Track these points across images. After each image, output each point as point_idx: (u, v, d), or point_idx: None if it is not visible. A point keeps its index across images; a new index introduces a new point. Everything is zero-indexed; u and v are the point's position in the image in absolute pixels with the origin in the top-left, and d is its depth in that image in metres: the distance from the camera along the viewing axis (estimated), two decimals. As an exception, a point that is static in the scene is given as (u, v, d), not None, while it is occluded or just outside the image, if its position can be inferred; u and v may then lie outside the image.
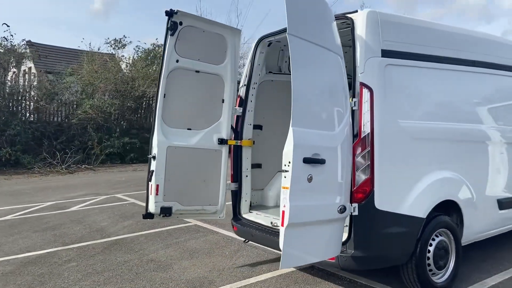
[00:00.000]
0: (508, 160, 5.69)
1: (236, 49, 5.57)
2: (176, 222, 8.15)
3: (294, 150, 3.51)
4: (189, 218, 5.87)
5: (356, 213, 4.16)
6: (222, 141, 5.60)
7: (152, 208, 5.23)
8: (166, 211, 5.30)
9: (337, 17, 4.55)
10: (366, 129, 4.18)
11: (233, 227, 5.74)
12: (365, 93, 4.22)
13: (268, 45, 5.76)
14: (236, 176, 5.73)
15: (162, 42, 5.51)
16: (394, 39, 4.53)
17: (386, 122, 4.29)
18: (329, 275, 5.35)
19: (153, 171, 5.20)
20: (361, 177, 4.18)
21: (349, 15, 4.52)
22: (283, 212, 3.56)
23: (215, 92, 5.61)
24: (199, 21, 5.26)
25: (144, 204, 5.56)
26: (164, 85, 5.18)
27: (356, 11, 4.52)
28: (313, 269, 5.55)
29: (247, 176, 5.79)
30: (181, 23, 5.07)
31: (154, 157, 5.20)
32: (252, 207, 5.85)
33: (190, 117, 5.49)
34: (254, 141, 5.79)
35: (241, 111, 5.71)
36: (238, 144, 5.67)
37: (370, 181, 4.15)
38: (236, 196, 5.73)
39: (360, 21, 4.40)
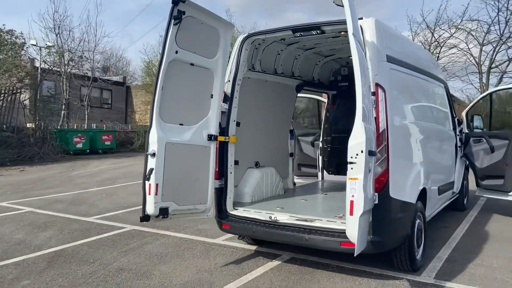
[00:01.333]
0: (443, 153, 6.86)
1: (227, 43, 5.49)
2: (108, 229, 7.52)
3: (366, 142, 3.75)
4: (181, 218, 5.51)
5: (376, 201, 4.57)
6: (211, 137, 5.45)
7: (151, 210, 4.83)
8: (163, 212, 4.95)
9: (343, 22, 4.93)
10: (382, 125, 4.63)
11: (221, 225, 5.60)
12: (380, 93, 4.67)
13: (252, 43, 5.82)
14: (222, 172, 5.63)
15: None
16: (393, 47, 5.13)
17: (394, 120, 4.83)
18: (318, 264, 5.65)
19: (152, 169, 4.80)
20: (378, 169, 4.61)
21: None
22: (352, 202, 3.75)
23: (205, 87, 5.44)
24: (200, 12, 5.05)
25: (40, 211, 5.02)
26: (163, 77, 4.84)
27: (361, 18, 4.96)
28: (297, 260, 5.78)
29: (231, 172, 5.73)
30: (184, 13, 4.82)
31: (153, 154, 4.81)
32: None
33: (182, 112, 5.22)
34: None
35: (227, 107, 5.64)
36: (227, 140, 5.59)
37: (386, 172, 4.62)
38: (221, 193, 5.62)
39: (368, 27, 4.84)
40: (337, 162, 8.65)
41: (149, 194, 4.82)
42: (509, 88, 8.92)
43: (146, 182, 4.83)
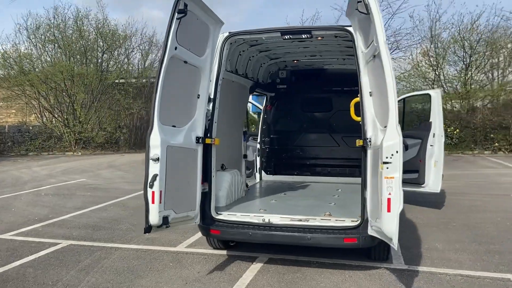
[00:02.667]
0: None
1: (215, 42, 5.29)
2: (39, 246, 6.62)
3: (400, 143, 4.01)
4: (175, 227, 5.02)
5: None
6: (198, 140, 5.19)
7: (154, 219, 4.42)
8: (165, 221, 4.57)
9: (339, 29, 5.19)
10: None
11: (208, 231, 5.35)
12: None
13: (233, 42, 5.70)
14: (206, 176, 5.39)
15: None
16: None
17: None
18: (299, 262, 5.77)
19: (156, 175, 4.40)
20: None
21: (347, 28, 5.23)
22: (389, 199, 3.99)
23: (193, 87, 5.17)
24: (198, 6, 4.76)
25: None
26: (164, 75, 4.48)
27: (350, 26, 5.27)
28: (277, 261, 5.84)
29: (213, 176, 5.53)
30: (187, 6, 4.53)
31: (157, 159, 4.40)
32: None
33: (175, 113, 4.88)
34: None
35: (211, 108, 5.44)
36: (212, 142, 5.38)
37: None
38: (205, 198, 5.39)
39: (355, 34, 5.17)
40: (275, 163, 8.89)
41: (153, 202, 4.40)
42: (419, 95, 10.24)
43: (149, 189, 4.40)
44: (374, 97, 4.73)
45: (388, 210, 4.00)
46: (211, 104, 5.43)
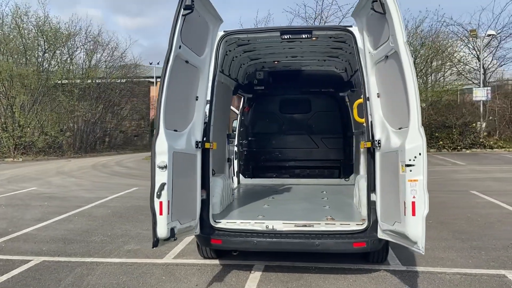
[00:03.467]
0: None
1: (213, 41, 5.01)
2: (9, 265, 6.03)
3: (423, 145, 3.94)
4: (180, 238, 4.63)
5: None
6: (198, 144, 4.89)
7: (163, 232, 4.08)
8: (172, 234, 4.23)
9: (341, 29, 5.11)
10: None
11: (208, 241, 5.04)
12: None
13: (228, 41, 5.45)
14: (204, 182, 5.09)
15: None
16: None
17: None
18: (298, 268, 5.60)
19: (164, 184, 4.06)
20: None
21: (350, 29, 5.15)
22: (413, 202, 3.91)
23: (192, 88, 4.86)
24: (201, 2, 4.46)
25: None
26: (169, 76, 4.16)
27: (351, 26, 5.20)
28: (275, 268, 5.65)
29: (211, 183, 5.24)
30: (193, 2, 4.23)
31: (165, 167, 4.06)
32: None
33: (176, 117, 4.55)
34: None
35: (207, 110, 5.15)
36: (211, 147, 5.09)
37: None
38: (204, 206, 5.08)
39: (359, 36, 5.10)
40: (254, 166, 8.68)
41: (161, 214, 4.06)
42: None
43: (156, 199, 4.05)
44: (382, 99, 4.67)
45: (413, 214, 3.92)
46: (207, 106, 5.14)
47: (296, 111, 8.66)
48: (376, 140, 4.68)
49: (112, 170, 18.61)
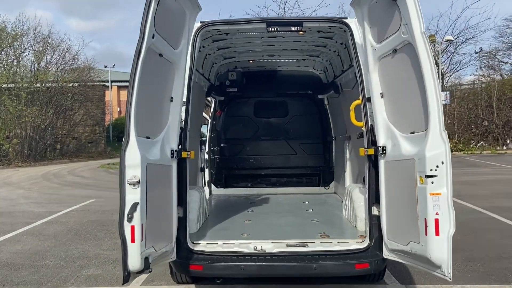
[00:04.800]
0: None
1: (190, 31, 4.28)
2: None
3: (447, 152, 3.38)
4: (154, 267, 3.81)
5: None
6: (173, 153, 4.14)
7: (136, 263, 3.31)
8: (146, 264, 3.45)
9: (335, 20, 4.53)
10: None
11: (187, 268, 4.26)
12: None
13: (206, 34, 4.75)
14: (181, 198, 4.33)
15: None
16: None
17: None
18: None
19: (137, 204, 3.29)
20: None
21: (345, 21, 4.58)
22: (437, 220, 3.34)
23: (166, 87, 4.12)
24: None
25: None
26: (141, 71, 3.41)
27: (346, 18, 4.64)
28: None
29: (188, 198, 4.49)
30: None
31: (137, 182, 3.30)
32: None
33: (148, 121, 3.79)
34: None
35: (183, 113, 4.41)
36: (188, 156, 4.35)
37: None
38: (181, 225, 4.32)
39: (356, 28, 4.54)
40: (227, 174, 7.95)
41: (133, 241, 3.27)
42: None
43: (127, 224, 3.27)
44: (387, 99, 4.11)
45: (437, 234, 3.35)
46: (183, 109, 4.39)
47: (272, 114, 8.01)
48: (380, 147, 4.11)
49: (65, 180, 17.25)
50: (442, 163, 3.37)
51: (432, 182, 3.38)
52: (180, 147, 4.28)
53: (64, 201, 11.92)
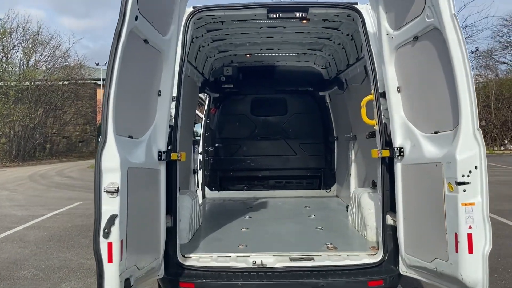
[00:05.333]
0: None
1: (181, 16, 3.75)
2: None
3: (481, 155, 2.87)
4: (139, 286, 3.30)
5: None
6: (161, 156, 3.61)
7: (115, 286, 2.77)
8: (127, 286, 2.93)
9: (344, 6, 4.04)
10: None
11: (177, 285, 3.74)
12: None
13: (199, 20, 4.24)
14: (170, 206, 3.81)
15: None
16: None
17: None
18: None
19: (115, 216, 2.76)
20: None
21: (355, 6, 4.10)
22: (470, 235, 2.84)
23: (153, 79, 3.59)
24: None
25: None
26: (120, 59, 2.88)
27: (356, 3, 4.16)
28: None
29: (178, 203, 3.97)
30: None
31: (116, 191, 2.77)
32: None
33: (131, 118, 3.27)
34: None
35: (173, 110, 3.89)
36: (179, 158, 3.82)
37: None
38: (170, 235, 3.79)
39: (368, 15, 4.06)
40: (221, 176, 7.43)
41: (110, 261, 2.75)
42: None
43: (103, 240, 2.74)
44: (404, 94, 3.61)
45: (470, 251, 2.85)
46: (173, 104, 3.87)
47: (270, 113, 7.48)
48: (396, 148, 3.61)
49: (52, 181, 16.62)
50: (476, 168, 2.87)
51: (464, 190, 2.87)
52: (169, 148, 3.76)
53: (49, 204, 11.33)
